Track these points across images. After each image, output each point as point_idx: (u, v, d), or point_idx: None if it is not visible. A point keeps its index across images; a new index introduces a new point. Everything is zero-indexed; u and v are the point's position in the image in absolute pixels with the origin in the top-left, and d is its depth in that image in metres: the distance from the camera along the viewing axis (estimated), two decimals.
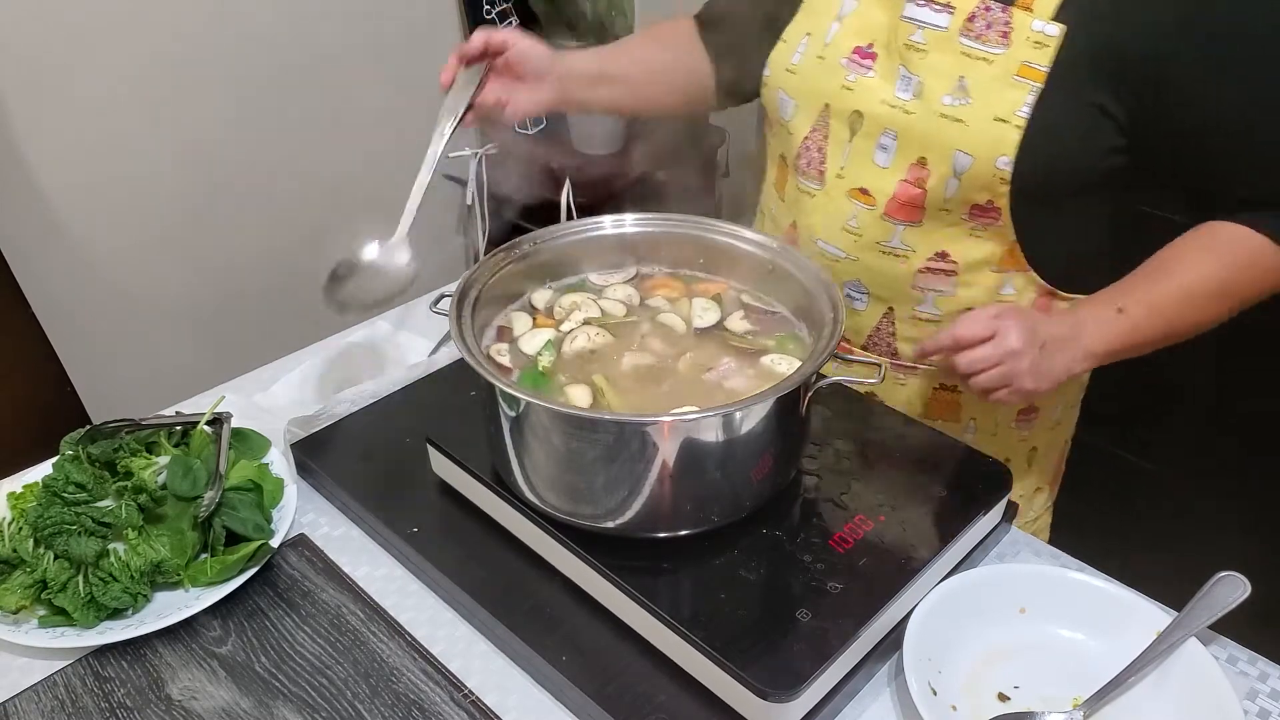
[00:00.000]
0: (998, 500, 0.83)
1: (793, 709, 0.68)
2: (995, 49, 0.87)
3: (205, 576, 0.82)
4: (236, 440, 0.93)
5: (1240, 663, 0.77)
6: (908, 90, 0.92)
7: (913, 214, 0.94)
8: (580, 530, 0.78)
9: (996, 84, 0.87)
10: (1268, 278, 0.89)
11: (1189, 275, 0.89)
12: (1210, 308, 0.90)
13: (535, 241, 0.92)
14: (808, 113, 0.99)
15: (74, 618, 0.78)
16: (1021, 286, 0.97)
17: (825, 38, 0.98)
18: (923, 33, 0.90)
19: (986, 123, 0.87)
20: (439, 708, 0.73)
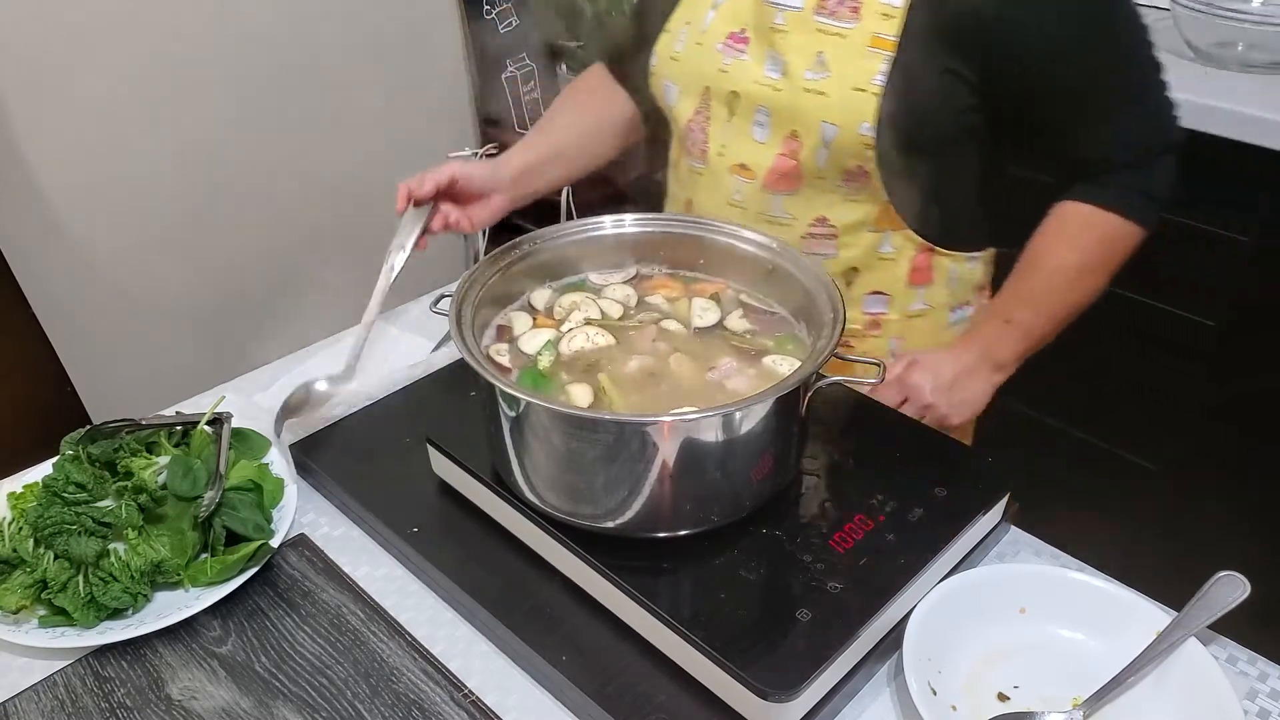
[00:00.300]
0: (998, 500, 0.83)
1: (793, 709, 0.68)
2: (847, 24, 0.94)
3: (205, 576, 0.82)
4: (236, 440, 0.93)
5: (1240, 663, 0.77)
6: (776, 69, 0.99)
7: (790, 184, 1.02)
8: (580, 530, 0.78)
9: (852, 56, 0.94)
10: (1122, 246, 1.00)
11: (1054, 268, 1.00)
12: (1083, 289, 1.01)
13: (535, 241, 0.92)
14: (690, 96, 1.07)
15: (74, 618, 0.78)
16: (899, 244, 1.04)
17: (703, 25, 1.04)
18: (783, 15, 0.97)
19: (846, 93, 0.94)
20: (439, 708, 0.73)
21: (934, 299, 1.09)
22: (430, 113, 2.30)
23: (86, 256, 1.80)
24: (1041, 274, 1.00)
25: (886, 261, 1.05)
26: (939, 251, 1.05)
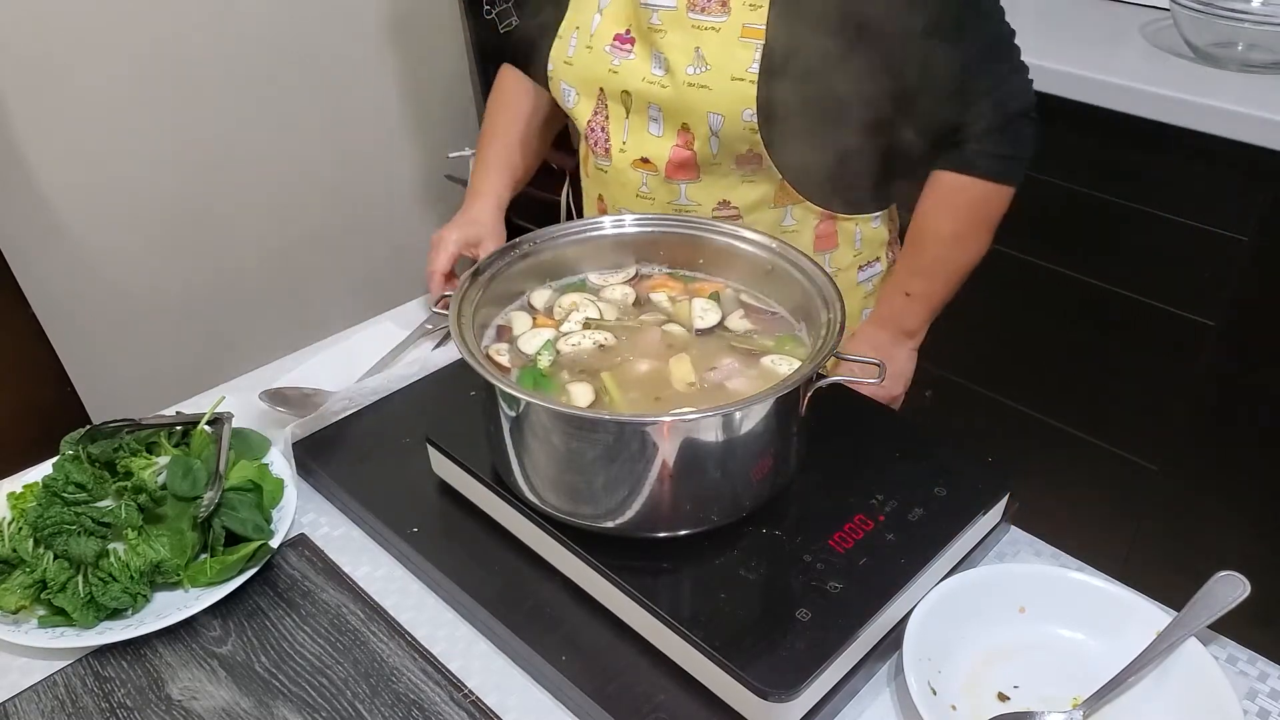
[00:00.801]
0: (998, 500, 0.83)
1: (792, 709, 0.68)
2: (718, 18, 0.99)
3: (205, 577, 0.82)
4: (236, 440, 0.93)
5: (1240, 662, 0.77)
6: (660, 67, 1.03)
7: (690, 173, 1.07)
8: (580, 530, 0.78)
9: (727, 48, 0.99)
10: (993, 207, 1.06)
11: (935, 238, 1.06)
12: (965, 251, 1.07)
13: (535, 241, 0.92)
14: (588, 98, 1.10)
15: (73, 618, 0.78)
16: (801, 216, 1.10)
17: (590, 29, 1.08)
18: (658, 15, 1.01)
19: (726, 83, 0.99)
20: (439, 708, 0.73)
21: (841, 261, 1.14)
22: (430, 113, 2.31)
23: (86, 256, 1.81)
24: (926, 245, 1.07)
25: (790, 234, 1.10)
26: (840, 217, 1.11)
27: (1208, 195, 1.52)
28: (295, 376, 1.09)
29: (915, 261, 1.09)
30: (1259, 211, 1.48)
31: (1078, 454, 1.82)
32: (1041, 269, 1.74)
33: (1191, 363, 1.62)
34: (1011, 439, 1.91)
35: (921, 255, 1.08)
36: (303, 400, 1.01)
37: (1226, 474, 1.66)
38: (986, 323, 1.88)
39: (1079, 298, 1.71)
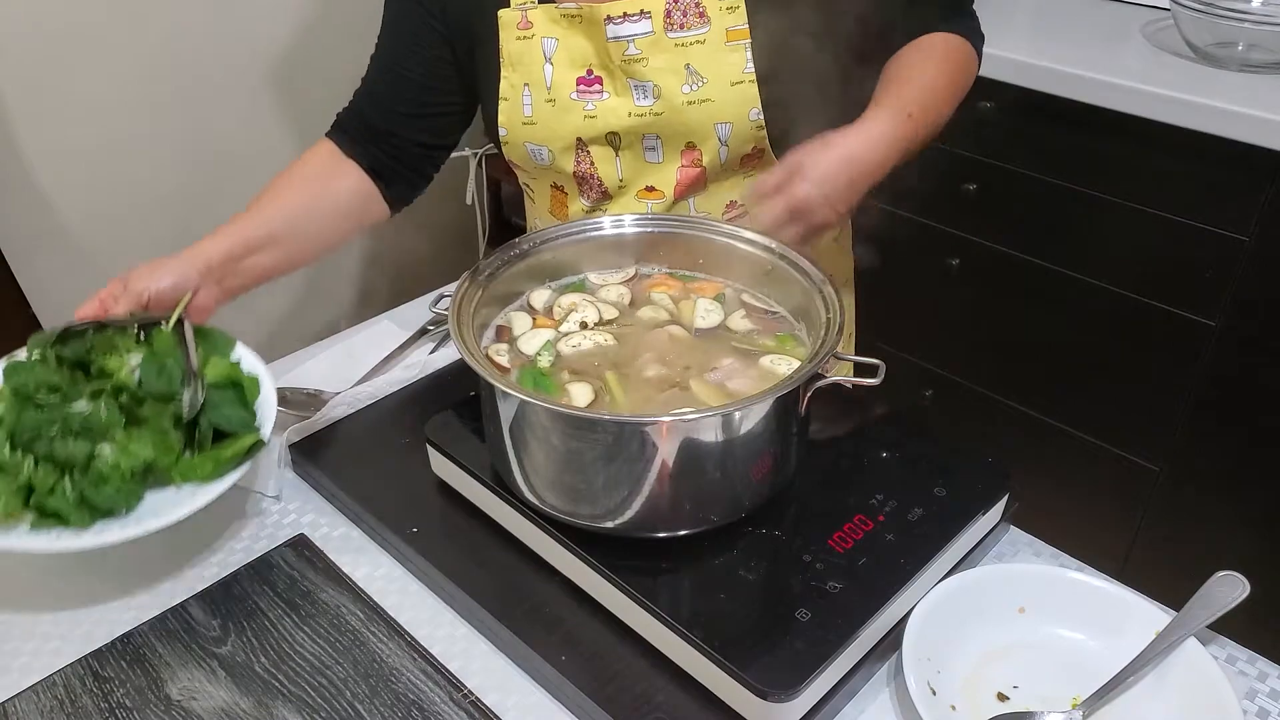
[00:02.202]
0: (997, 500, 0.83)
1: (792, 709, 0.68)
2: (700, 30, 0.98)
3: (200, 474, 0.81)
4: (201, 338, 0.90)
5: (1240, 662, 0.77)
6: (647, 97, 1.00)
7: (699, 187, 1.06)
8: (580, 530, 0.78)
9: (717, 55, 0.98)
10: (970, 73, 1.05)
11: (929, 78, 1.00)
12: (947, 102, 1.02)
13: (535, 241, 0.92)
14: (565, 151, 1.05)
15: (68, 520, 0.76)
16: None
17: (545, 82, 1.02)
18: (634, 44, 0.98)
19: (727, 90, 0.99)
20: (439, 708, 0.74)
21: (833, 233, 1.18)
22: None
23: (86, 256, 1.81)
24: (922, 84, 0.99)
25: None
26: None
27: (1208, 195, 1.52)
28: (295, 376, 1.09)
29: (908, 91, 0.98)
30: (1259, 211, 1.48)
31: (1078, 454, 1.82)
32: (1041, 269, 1.74)
33: (1192, 363, 1.62)
34: (1011, 439, 1.91)
35: (916, 87, 0.99)
36: (302, 401, 1.01)
37: (1226, 474, 1.66)
38: (986, 323, 1.88)
39: (1079, 297, 1.71)
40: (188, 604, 0.82)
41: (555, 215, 1.14)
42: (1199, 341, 1.60)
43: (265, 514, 0.93)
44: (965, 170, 1.77)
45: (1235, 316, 1.55)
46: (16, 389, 0.81)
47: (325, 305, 2.24)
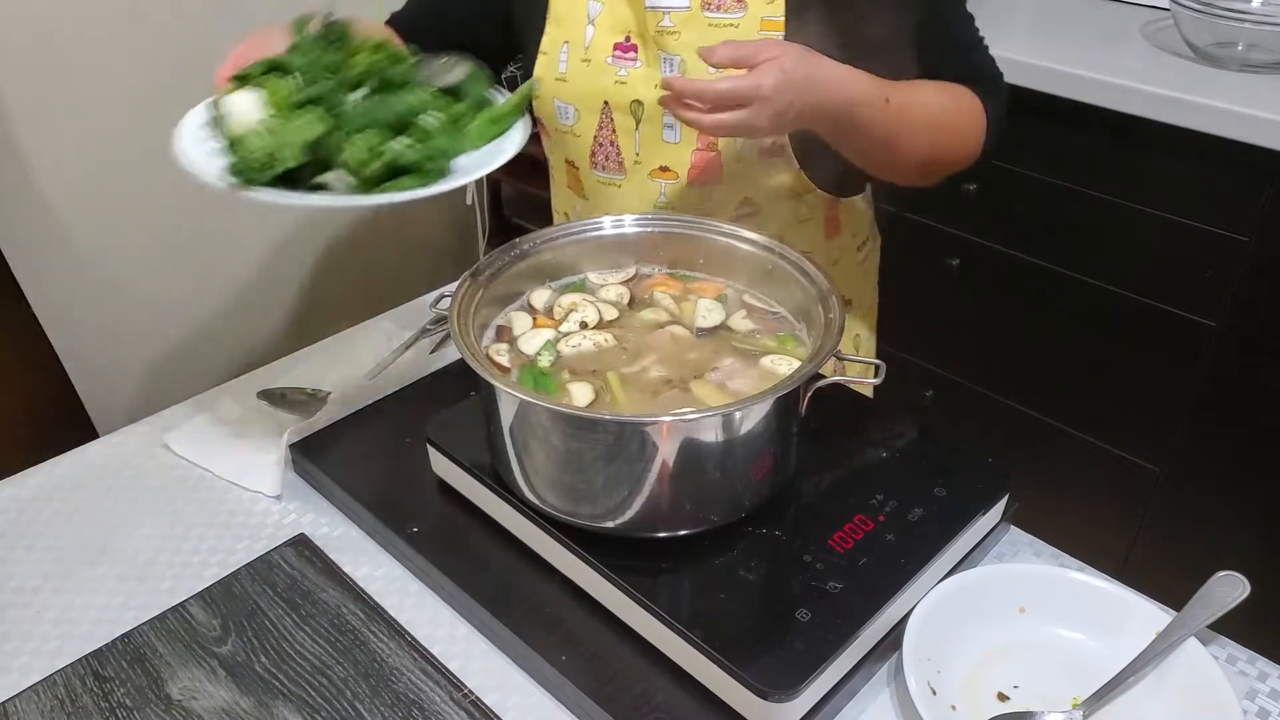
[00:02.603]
0: (997, 500, 0.83)
1: (792, 709, 0.68)
2: (735, 14, 0.96)
3: (489, 130, 0.89)
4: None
5: (1240, 662, 0.77)
6: (673, 71, 0.99)
7: (714, 175, 1.04)
8: (580, 530, 0.78)
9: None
10: (967, 130, 1.00)
11: (930, 101, 0.97)
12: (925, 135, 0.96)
13: (535, 241, 0.92)
14: (590, 113, 1.05)
15: (434, 161, 0.82)
16: (813, 204, 1.08)
17: (584, 42, 1.03)
18: (669, 17, 0.98)
19: None
20: (439, 708, 0.74)
21: (845, 245, 1.15)
22: None
23: (86, 257, 1.80)
24: (910, 92, 0.94)
25: (805, 223, 1.09)
26: (841, 202, 1.11)
27: (1208, 195, 1.52)
28: (295, 376, 1.09)
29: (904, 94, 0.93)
30: (1260, 212, 1.48)
31: (1078, 454, 1.82)
32: (1041, 269, 1.74)
33: (1192, 363, 1.62)
34: (1011, 439, 1.91)
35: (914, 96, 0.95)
36: (302, 400, 1.01)
37: (1227, 474, 1.66)
38: (987, 323, 1.88)
39: (1079, 298, 1.71)
40: (188, 604, 0.82)
41: (572, 190, 1.16)
42: (1199, 342, 1.60)
43: (265, 514, 0.93)
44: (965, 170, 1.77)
45: (1235, 317, 1.55)
46: (306, 67, 0.85)
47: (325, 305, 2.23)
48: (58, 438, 0.91)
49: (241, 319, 2.09)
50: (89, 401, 1.80)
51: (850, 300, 1.19)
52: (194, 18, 1.82)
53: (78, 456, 1.00)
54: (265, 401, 1.00)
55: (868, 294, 1.25)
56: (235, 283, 2.07)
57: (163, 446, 1.00)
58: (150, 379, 1.95)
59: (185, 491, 0.95)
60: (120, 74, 1.75)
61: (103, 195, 1.80)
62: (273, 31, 0.96)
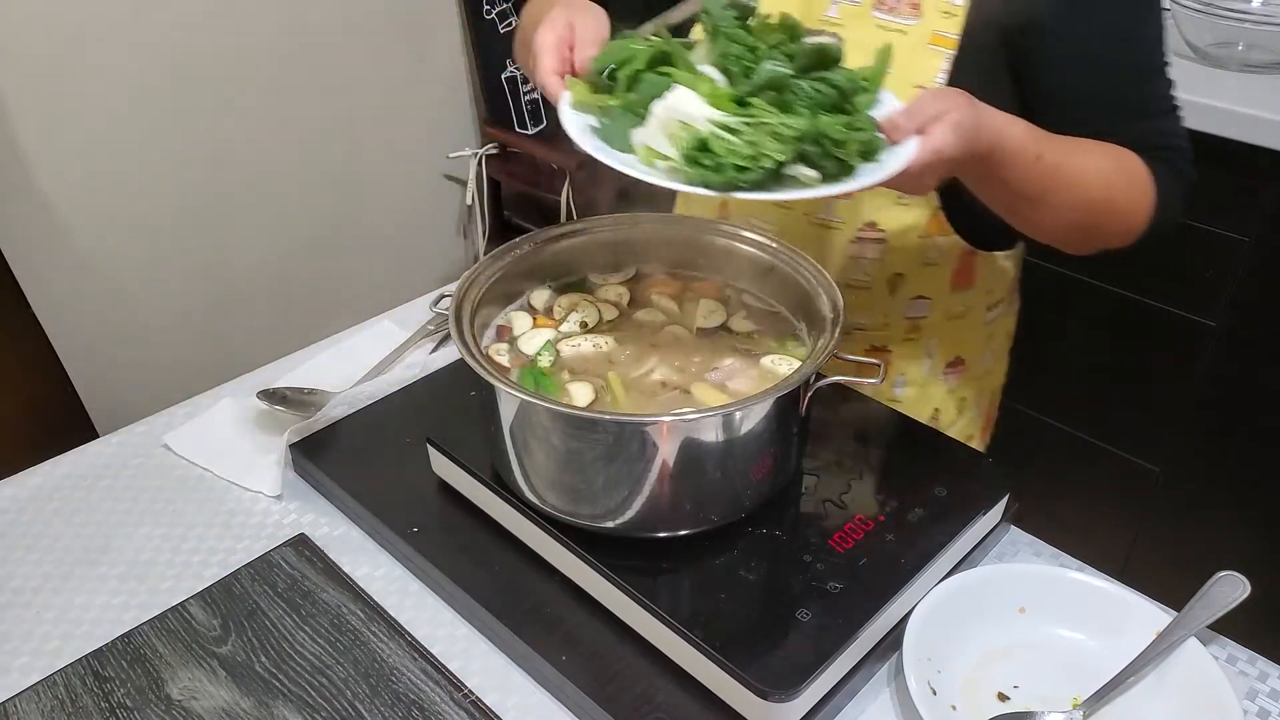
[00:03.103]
0: (998, 500, 0.83)
1: (792, 709, 0.68)
2: (908, 20, 0.92)
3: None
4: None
5: (1240, 662, 0.77)
6: None
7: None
8: (580, 530, 0.78)
9: (913, 53, 0.91)
10: (1136, 197, 0.89)
11: (1091, 167, 0.87)
12: (1084, 202, 0.87)
13: (535, 241, 0.92)
14: None
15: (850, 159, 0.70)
16: (946, 248, 1.02)
17: None
18: (837, 8, 0.95)
19: (909, 90, 0.89)
20: (439, 707, 0.74)
21: (973, 300, 1.07)
22: (430, 113, 2.31)
23: (87, 257, 1.81)
24: (1069, 151, 0.85)
25: (932, 267, 1.02)
26: (979, 254, 1.03)
27: (1209, 196, 1.52)
28: (295, 377, 1.09)
29: (1063, 153, 0.84)
30: (1260, 212, 1.48)
31: (1078, 454, 1.82)
32: (1041, 269, 1.74)
33: (1193, 363, 1.62)
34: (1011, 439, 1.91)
35: (1073, 158, 0.85)
36: (302, 401, 1.01)
37: (1227, 475, 1.66)
38: None
39: (1079, 298, 1.71)
40: (188, 604, 0.82)
41: None
42: (1199, 342, 1.60)
43: (265, 514, 0.93)
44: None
45: (1235, 317, 1.55)
46: (727, 52, 0.76)
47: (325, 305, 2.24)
48: (58, 438, 0.91)
49: (241, 319, 2.10)
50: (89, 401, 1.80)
51: (963, 359, 1.11)
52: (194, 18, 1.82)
53: (78, 456, 1.00)
54: (265, 401, 1.00)
55: (986, 359, 1.15)
56: (235, 283, 2.07)
57: (163, 446, 1.00)
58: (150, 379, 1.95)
59: (185, 491, 0.95)
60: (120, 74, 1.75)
61: (103, 195, 1.80)
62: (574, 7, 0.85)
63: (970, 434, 1.18)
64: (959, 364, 1.10)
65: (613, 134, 0.75)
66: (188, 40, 1.81)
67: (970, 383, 1.13)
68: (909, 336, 1.07)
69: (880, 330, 1.06)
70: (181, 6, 1.78)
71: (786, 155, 0.69)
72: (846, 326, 1.02)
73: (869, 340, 1.07)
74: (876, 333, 1.06)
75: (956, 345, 1.09)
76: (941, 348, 1.09)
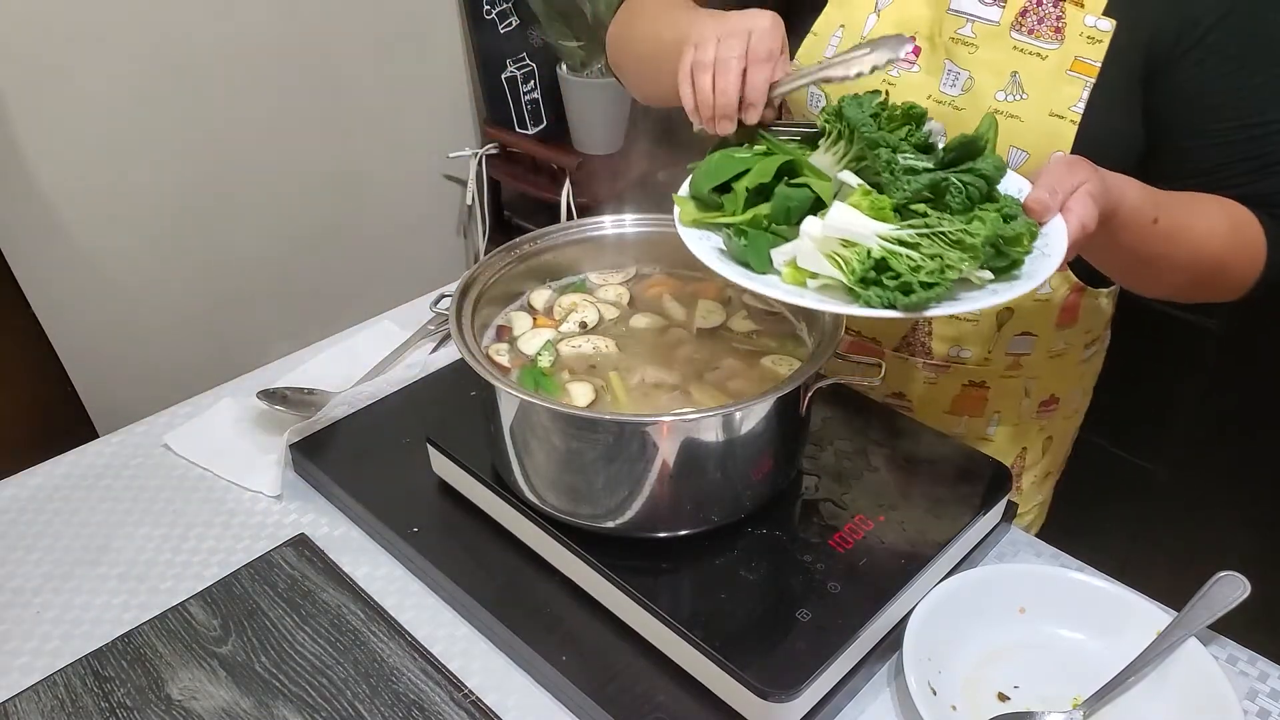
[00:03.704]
0: (998, 500, 0.83)
1: (793, 709, 0.68)
2: (1049, 44, 0.86)
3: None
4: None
5: (1240, 663, 0.77)
6: (955, 86, 0.90)
7: None
8: (580, 530, 0.78)
9: (1051, 79, 0.86)
10: (1246, 260, 0.86)
11: (1205, 229, 0.84)
12: (1197, 267, 0.85)
13: (535, 241, 0.92)
14: None
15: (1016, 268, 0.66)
16: (1056, 284, 0.98)
17: (863, 31, 0.94)
18: (971, 26, 0.89)
19: (1043, 118, 0.87)
20: (439, 708, 0.73)
21: (1074, 338, 1.04)
22: (430, 113, 2.30)
23: (86, 256, 1.80)
24: (1195, 226, 0.83)
25: (1040, 304, 0.99)
26: (1086, 290, 1.00)
27: None
28: (295, 377, 1.09)
29: (1180, 216, 0.82)
30: None
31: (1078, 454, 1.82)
32: None
33: (1193, 364, 1.62)
34: None
35: (1189, 222, 0.83)
36: (302, 401, 1.01)
37: (1227, 474, 1.66)
38: None
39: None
40: (188, 604, 0.82)
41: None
42: (1199, 342, 1.60)
43: (265, 514, 0.93)
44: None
45: (1235, 318, 1.55)
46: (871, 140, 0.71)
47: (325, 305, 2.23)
48: (58, 438, 0.91)
49: (241, 319, 2.09)
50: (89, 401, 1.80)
51: (1058, 398, 1.08)
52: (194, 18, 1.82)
53: (78, 456, 1.00)
54: (265, 401, 1.00)
55: (1077, 397, 1.13)
56: (236, 282, 2.06)
57: (163, 446, 1.00)
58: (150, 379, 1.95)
59: (185, 491, 0.95)
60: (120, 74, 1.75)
61: (103, 195, 1.80)
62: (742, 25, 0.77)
63: (1049, 471, 1.16)
64: (1053, 402, 1.07)
65: (747, 254, 0.70)
66: (188, 40, 1.81)
67: (1060, 421, 1.11)
68: (1008, 374, 1.03)
69: (981, 365, 1.02)
70: (181, 6, 1.78)
71: (976, 264, 0.65)
72: (946, 359, 1.01)
73: (968, 375, 1.03)
74: (977, 368, 1.02)
75: (1053, 384, 1.06)
76: (1039, 385, 1.05)
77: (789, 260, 0.70)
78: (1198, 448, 1.68)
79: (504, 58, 2.28)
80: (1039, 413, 1.07)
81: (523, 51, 2.32)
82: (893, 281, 0.64)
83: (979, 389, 1.04)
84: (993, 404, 1.04)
